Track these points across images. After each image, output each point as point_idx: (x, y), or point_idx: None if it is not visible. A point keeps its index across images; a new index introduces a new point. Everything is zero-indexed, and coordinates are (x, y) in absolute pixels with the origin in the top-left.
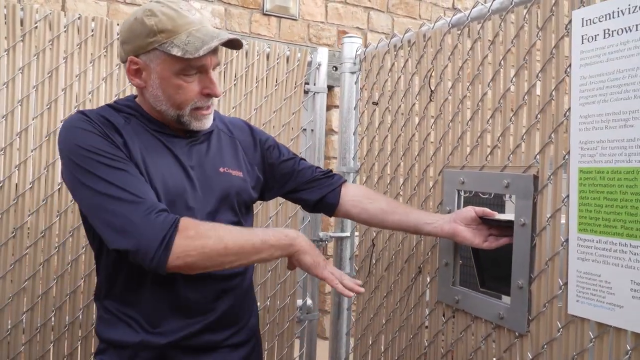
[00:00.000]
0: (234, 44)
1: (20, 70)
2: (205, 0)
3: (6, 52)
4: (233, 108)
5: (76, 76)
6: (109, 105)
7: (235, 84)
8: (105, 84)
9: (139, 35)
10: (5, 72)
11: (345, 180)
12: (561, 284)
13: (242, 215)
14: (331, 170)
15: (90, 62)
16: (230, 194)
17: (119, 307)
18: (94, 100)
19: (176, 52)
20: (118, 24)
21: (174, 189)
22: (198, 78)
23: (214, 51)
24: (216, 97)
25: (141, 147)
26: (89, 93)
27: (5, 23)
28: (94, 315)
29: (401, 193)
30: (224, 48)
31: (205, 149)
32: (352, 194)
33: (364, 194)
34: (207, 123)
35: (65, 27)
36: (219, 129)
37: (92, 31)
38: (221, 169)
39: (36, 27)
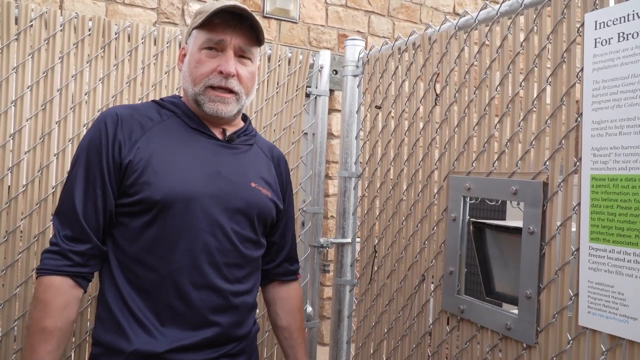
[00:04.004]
0: (249, 25)
1: (15, 70)
2: (204, 2)
3: (0, 51)
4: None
5: (72, 76)
6: (154, 101)
7: None
8: (102, 85)
9: (190, 24)
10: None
11: (294, 280)
12: (572, 294)
13: (260, 233)
14: (297, 265)
15: (87, 62)
16: (253, 209)
17: (119, 310)
18: (90, 101)
19: (199, 19)
20: (116, 24)
21: (193, 190)
22: (218, 57)
23: (234, 32)
24: (227, 74)
25: (169, 143)
26: (85, 94)
27: None
28: (88, 323)
29: (404, 198)
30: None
31: (242, 159)
32: (278, 294)
33: (283, 302)
34: (223, 109)
35: (61, 26)
36: (259, 147)
37: (89, 30)
38: (252, 184)
39: (31, 26)
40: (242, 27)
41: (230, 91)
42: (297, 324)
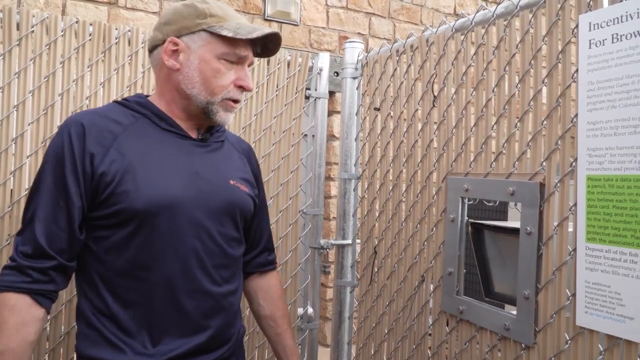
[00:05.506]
0: (275, 43)
1: (17, 75)
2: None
3: (2, 57)
4: (233, 113)
5: (73, 81)
6: (117, 103)
7: None
8: (103, 89)
9: (187, 17)
10: (0, 77)
11: (273, 269)
12: (569, 294)
13: (242, 230)
14: (274, 255)
15: (88, 67)
16: (235, 208)
17: (107, 324)
18: (91, 105)
19: (226, 33)
20: (116, 29)
21: (176, 196)
22: (235, 69)
23: (253, 49)
24: (249, 90)
25: (143, 148)
26: (86, 98)
27: (1, 27)
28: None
29: (404, 200)
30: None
31: (217, 157)
32: (258, 285)
33: (265, 292)
34: (230, 119)
35: (62, 31)
36: (230, 142)
37: (90, 35)
38: (231, 182)
39: (33, 31)
40: (259, 42)
41: (239, 101)
42: (280, 311)
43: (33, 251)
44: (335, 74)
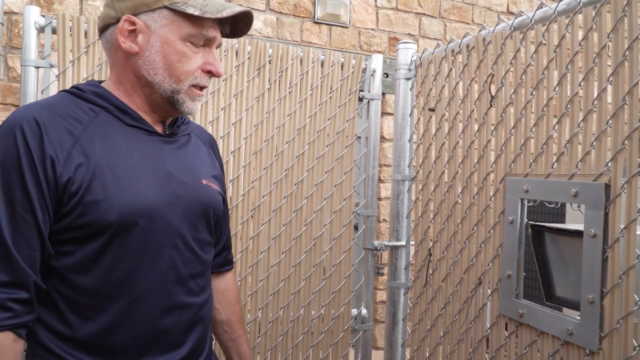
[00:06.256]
0: (246, 22)
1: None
2: (257, 10)
3: (71, 64)
4: (288, 115)
5: None
6: (71, 93)
7: (290, 92)
8: None
9: None
10: (71, 83)
11: (230, 270)
12: (637, 299)
13: (213, 233)
14: (231, 254)
15: None
16: (209, 209)
17: (70, 349)
18: None
19: (192, 11)
20: None
21: (152, 202)
22: (202, 52)
23: (220, 28)
24: (218, 76)
25: (109, 149)
26: None
27: (71, 35)
28: None
29: (459, 201)
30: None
31: (186, 154)
32: (214, 287)
33: (221, 295)
34: (197, 108)
35: None
36: (195, 134)
37: None
38: (204, 181)
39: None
40: (229, 21)
41: (206, 88)
42: (236, 315)
43: (11, 279)
44: (385, 75)
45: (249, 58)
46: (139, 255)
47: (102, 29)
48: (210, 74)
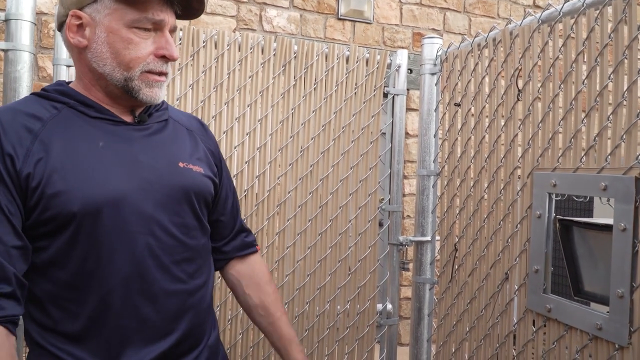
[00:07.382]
0: (197, 5)
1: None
2: (280, 7)
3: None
4: (313, 112)
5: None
6: (35, 94)
7: (315, 88)
8: (192, 90)
9: None
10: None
11: (254, 252)
12: None
13: (203, 216)
14: (252, 236)
15: (202, 72)
16: (190, 192)
17: (58, 343)
18: (181, 106)
19: None
20: (204, 33)
21: (119, 189)
22: (153, 37)
23: (171, 8)
24: (173, 59)
25: (71, 142)
26: (177, 99)
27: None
28: None
29: (485, 197)
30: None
31: (160, 139)
32: (240, 273)
33: (249, 279)
34: (160, 94)
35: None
36: (175, 120)
37: (180, 40)
38: (181, 164)
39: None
40: (179, 1)
41: (165, 74)
42: (270, 297)
43: None
44: (410, 71)
45: (274, 55)
46: (110, 244)
47: (59, 28)
48: (165, 58)
